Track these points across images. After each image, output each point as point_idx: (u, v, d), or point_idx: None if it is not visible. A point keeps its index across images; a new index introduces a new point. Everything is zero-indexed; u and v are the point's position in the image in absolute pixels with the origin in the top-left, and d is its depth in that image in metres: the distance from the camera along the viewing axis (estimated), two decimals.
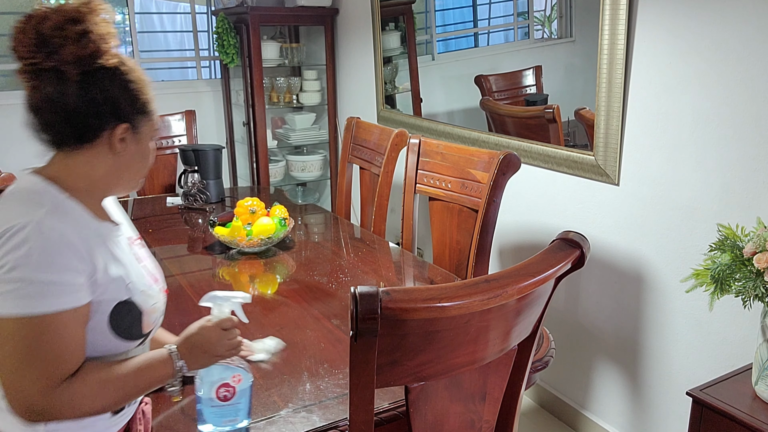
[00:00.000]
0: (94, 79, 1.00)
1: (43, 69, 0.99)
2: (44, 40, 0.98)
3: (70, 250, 0.94)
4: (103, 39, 1.00)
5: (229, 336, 1.09)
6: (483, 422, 1.13)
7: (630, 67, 1.90)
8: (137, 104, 1.05)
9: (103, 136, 1.03)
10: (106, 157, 1.05)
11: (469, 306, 0.90)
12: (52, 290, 0.92)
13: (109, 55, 1.01)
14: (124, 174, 1.09)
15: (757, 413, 1.36)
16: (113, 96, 1.02)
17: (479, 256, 1.94)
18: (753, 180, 1.64)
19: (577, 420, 2.34)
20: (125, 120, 1.04)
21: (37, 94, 1.01)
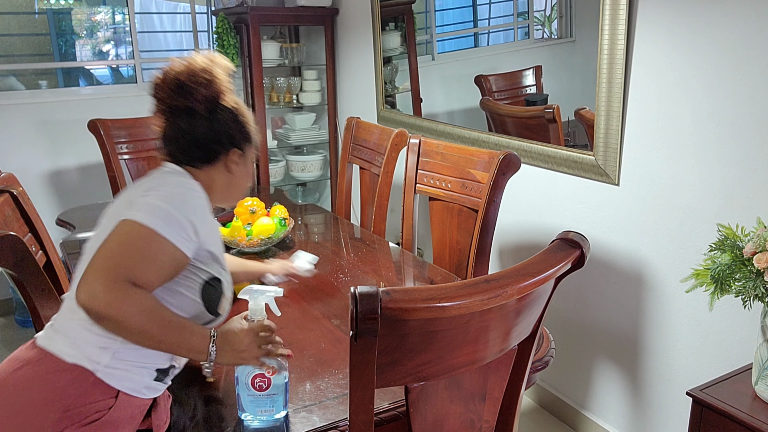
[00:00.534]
0: (217, 115, 1.30)
1: (180, 108, 1.28)
2: (181, 85, 1.26)
3: (200, 214, 1.20)
4: (224, 84, 1.31)
5: (261, 342, 1.16)
6: (483, 422, 1.13)
7: (630, 67, 1.90)
8: (245, 134, 1.35)
9: (221, 158, 1.31)
10: (222, 175, 1.33)
11: (469, 306, 0.90)
12: (174, 224, 1.14)
13: (227, 96, 1.32)
14: (233, 189, 1.37)
15: (757, 413, 1.36)
16: (230, 128, 1.31)
17: (479, 256, 1.94)
18: (753, 180, 1.64)
19: (577, 420, 2.34)
20: (238, 146, 1.33)
21: (173, 127, 1.30)
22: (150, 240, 1.11)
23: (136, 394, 1.15)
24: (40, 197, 3.40)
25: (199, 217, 1.19)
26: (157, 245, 1.12)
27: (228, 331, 1.16)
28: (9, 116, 3.30)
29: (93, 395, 1.11)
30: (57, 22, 3.81)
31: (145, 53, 3.98)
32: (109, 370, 1.13)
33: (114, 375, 1.13)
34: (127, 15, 3.66)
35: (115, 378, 1.13)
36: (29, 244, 1.73)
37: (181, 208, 1.17)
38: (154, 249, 1.11)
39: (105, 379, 1.12)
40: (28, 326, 3.31)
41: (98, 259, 1.09)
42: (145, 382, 1.16)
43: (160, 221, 1.12)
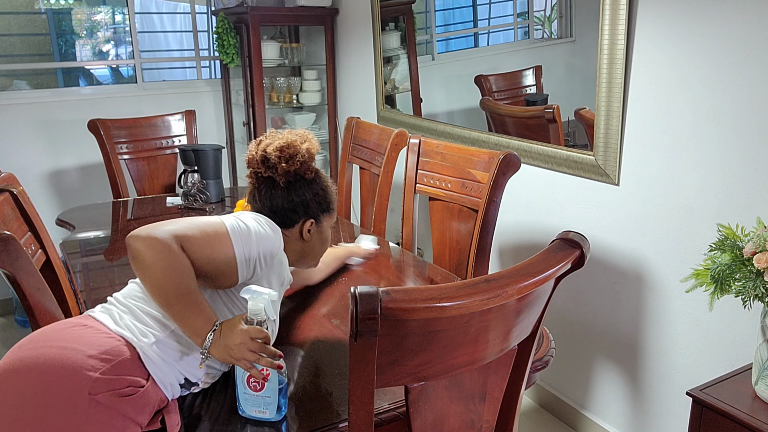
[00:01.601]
0: (295, 188, 1.43)
1: (264, 177, 1.44)
2: (267, 158, 1.42)
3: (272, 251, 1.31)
4: (307, 159, 1.43)
5: (252, 346, 1.16)
6: (483, 422, 1.13)
7: (630, 67, 1.90)
8: (323, 205, 1.47)
9: (295, 226, 1.44)
10: (297, 240, 1.46)
11: (469, 306, 0.90)
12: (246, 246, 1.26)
13: (309, 171, 1.44)
14: (308, 254, 1.50)
15: (757, 413, 1.36)
16: (306, 200, 1.44)
17: (479, 256, 1.94)
18: (753, 180, 1.64)
19: (577, 420, 2.34)
20: (312, 217, 1.46)
21: (256, 190, 1.45)
22: (221, 236, 1.24)
23: (161, 386, 1.17)
24: (40, 197, 3.40)
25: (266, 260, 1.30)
26: (221, 242, 1.23)
27: (226, 327, 1.18)
28: (9, 116, 3.30)
29: (131, 368, 1.14)
30: (57, 22, 3.81)
31: (145, 53, 3.98)
32: (149, 353, 1.17)
33: (152, 359, 1.17)
34: (127, 15, 3.66)
35: (152, 363, 1.17)
36: (29, 243, 1.73)
37: (262, 245, 1.29)
38: (219, 247, 1.23)
39: (143, 359, 1.16)
40: (27, 326, 3.31)
41: (177, 223, 1.22)
42: (171, 380, 1.19)
43: (238, 235, 1.26)
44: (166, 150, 3.13)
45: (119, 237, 2.32)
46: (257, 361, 1.15)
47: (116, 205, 2.74)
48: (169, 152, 3.13)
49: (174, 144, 3.14)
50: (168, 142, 3.14)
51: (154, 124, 3.13)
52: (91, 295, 1.75)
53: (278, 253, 1.35)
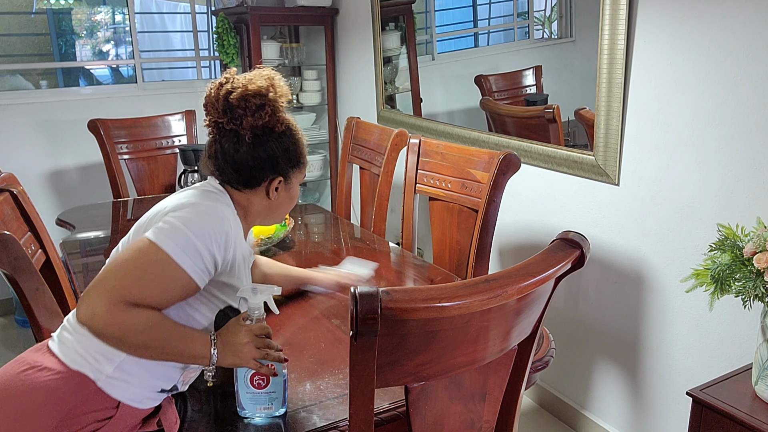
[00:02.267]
0: (262, 142, 1.25)
1: (225, 129, 1.25)
2: (231, 108, 1.22)
3: (220, 238, 1.15)
4: (276, 110, 1.24)
5: (259, 343, 1.14)
6: (483, 422, 1.13)
7: (630, 67, 1.90)
8: (293, 161, 1.30)
9: (261, 185, 1.27)
10: (262, 199, 1.30)
11: (469, 306, 0.90)
12: (191, 253, 1.11)
13: (278, 123, 1.26)
14: (274, 212, 1.34)
15: (757, 413, 1.36)
16: (275, 155, 1.26)
17: (479, 256, 1.94)
18: (753, 180, 1.64)
19: (577, 420, 2.34)
20: (281, 173, 1.28)
21: (216, 145, 1.27)
22: (163, 265, 1.09)
23: (138, 405, 1.15)
24: (40, 197, 3.40)
25: (221, 249, 1.16)
26: (169, 272, 1.10)
27: (227, 332, 1.15)
28: (9, 116, 3.30)
29: (93, 404, 1.11)
30: (57, 22, 3.81)
31: (145, 53, 3.98)
32: (111, 381, 1.13)
33: (115, 386, 1.13)
34: (127, 15, 3.66)
35: (117, 389, 1.13)
36: (29, 243, 1.73)
37: (204, 236, 1.13)
38: (164, 275, 1.10)
39: (106, 389, 1.12)
40: (27, 326, 3.31)
41: (107, 276, 1.09)
42: (146, 394, 1.16)
43: (178, 248, 1.10)
44: (166, 150, 3.13)
45: (119, 237, 2.32)
46: (266, 357, 1.14)
47: (116, 205, 2.74)
48: (169, 152, 3.13)
49: (174, 144, 3.14)
50: (168, 142, 3.14)
51: (154, 124, 3.13)
52: None
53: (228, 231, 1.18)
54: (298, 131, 1.32)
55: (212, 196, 1.23)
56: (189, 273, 1.11)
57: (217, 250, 1.15)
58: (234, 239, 1.19)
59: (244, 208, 1.29)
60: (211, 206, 1.18)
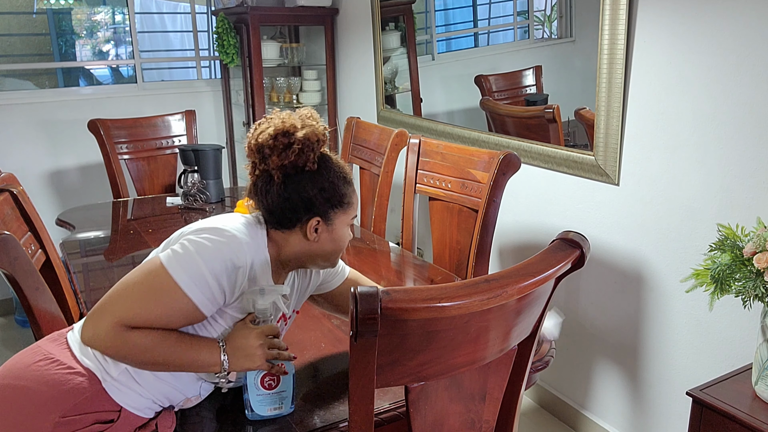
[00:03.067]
0: (294, 182, 1.20)
1: (260, 170, 1.22)
2: (260, 147, 1.19)
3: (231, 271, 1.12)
4: (307, 147, 1.18)
5: (270, 344, 1.15)
6: (483, 422, 1.13)
7: (630, 67, 1.90)
8: (331, 201, 1.22)
9: (299, 226, 1.22)
10: (300, 241, 1.23)
11: (469, 306, 0.90)
12: (197, 278, 1.09)
13: (309, 161, 1.19)
14: (314, 256, 1.26)
15: (757, 413, 1.36)
16: (309, 195, 1.20)
17: (479, 256, 1.94)
18: (753, 180, 1.64)
19: (577, 420, 2.34)
20: (318, 214, 1.21)
21: (254, 184, 1.24)
22: (170, 293, 1.09)
23: (138, 413, 1.15)
24: (40, 197, 3.40)
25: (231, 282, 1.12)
26: (174, 299, 1.09)
27: (236, 337, 1.15)
28: (9, 116, 3.30)
29: (96, 404, 1.11)
30: (57, 22, 3.81)
31: (145, 53, 3.98)
32: (116, 384, 1.13)
33: (120, 390, 1.13)
34: (127, 15, 3.66)
35: (120, 393, 1.13)
36: (29, 243, 1.73)
37: (215, 267, 1.10)
38: (170, 302, 1.09)
39: (110, 392, 1.12)
40: (27, 326, 3.31)
41: (114, 297, 1.10)
42: (147, 404, 1.16)
43: (186, 276, 1.09)
44: (166, 150, 3.13)
45: (119, 237, 2.32)
46: (277, 357, 1.15)
47: (116, 205, 2.74)
48: (169, 152, 3.13)
49: (174, 144, 3.14)
50: (168, 142, 3.14)
51: (154, 124, 3.13)
52: (91, 295, 1.75)
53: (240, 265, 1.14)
54: (338, 168, 1.25)
55: (246, 227, 1.20)
56: (195, 302, 1.10)
57: (227, 281, 1.12)
58: (250, 275, 1.16)
59: (283, 251, 1.24)
60: (232, 237, 1.14)
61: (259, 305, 1.15)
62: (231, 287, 1.13)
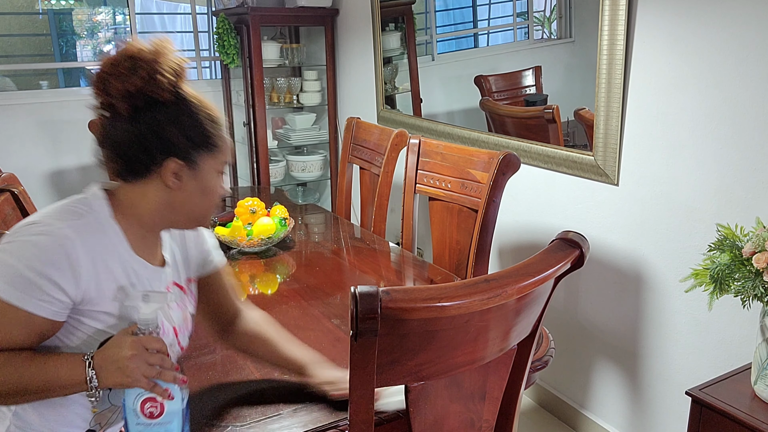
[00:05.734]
0: (145, 116, 1.01)
1: (102, 103, 1.03)
2: (102, 76, 1.01)
3: (68, 268, 0.95)
4: (156, 73, 1.00)
5: (150, 358, 0.94)
6: (483, 422, 1.13)
7: (629, 67, 1.91)
8: (193, 139, 1.04)
9: (155, 171, 1.03)
10: (160, 192, 1.05)
11: (469, 306, 0.90)
12: (18, 282, 0.92)
13: (161, 90, 1.01)
14: (181, 210, 1.07)
15: (756, 413, 1.37)
16: (165, 132, 1.01)
17: (479, 256, 1.94)
18: (752, 180, 1.64)
19: (576, 420, 2.34)
20: (177, 155, 1.03)
21: (99, 127, 1.05)
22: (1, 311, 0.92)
23: None
24: (41, 197, 3.40)
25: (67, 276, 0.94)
26: (9, 316, 0.92)
27: (108, 346, 0.96)
28: (10, 116, 3.30)
29: None
30: (58, 23, 3.81)
31: None
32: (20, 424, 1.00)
33: None
34: (128, 15, 3.66)
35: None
36: None
37: (38, 264, 0.93)
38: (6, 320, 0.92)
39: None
40: None
41: None
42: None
43: (4, 283, 0.92)
44: None
45: None
46: (159, 375, 0.94)
47: None
48: None
49: None
50: None
51: None
52: None
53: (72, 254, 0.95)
54: (201, 104, 1.07)
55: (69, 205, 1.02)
56: (28, 310, 0.92)
57: (60, 277, 0.94)
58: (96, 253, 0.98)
59: (139, 208, 1.05)
60: (49, 228, 0.96)
61: (142, 314, 0.96)
62: (69, 277, 0.95)
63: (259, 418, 1.18)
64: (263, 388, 1.28)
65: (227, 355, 1.40)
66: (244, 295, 1.81)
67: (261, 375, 1.32)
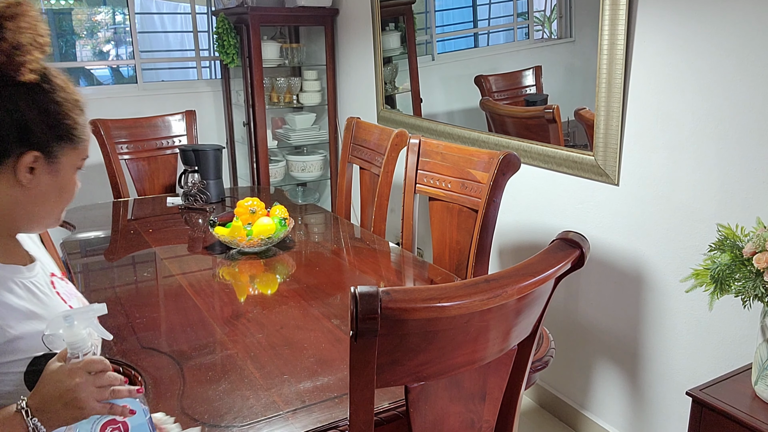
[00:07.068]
0: (1, 97, 0.87)
1: None
2: None
3: None
4: (18, 49, 0.85)
5: (98, 381, 0.84)
6: (483, 422, 1.13)
7: (630, 67, 1.91)
8: (57, 129, 0.91)
9: (7, 163, 0.88)
10: (10, 189, 0.90)
11: (469, 306, 0.90)
12: None
13: (24, 69, 0.86)
14: (36, 210, 0.93)
15: (757, 413, 1.36)
16: (23, 118, 0.87)
17: (479, 256, 1.94)
18: (753, 180, 1.64)
19: (577, 420, 2.34)
20: (36, 147, 0.89)
21: None
22: None
23: None
24: None
25: None
26: None
27: (44, 385, 0.83)
28: None
29: None
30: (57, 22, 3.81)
31: (146, 53, 3.99)
32: None
33: None
34: (128, 15, 3.66)
35: None
36: None
37: None
38: None
39: None
40: None
41: None
42: None
43: None
44: (167, 150, 3.13)
45: (119, 237, 2.32)
46: (112, 395, 0.85)
47: (116, 205, 2.74)
48: (169, 152, 3.13)
49: (174, 144, 3.14)
50: (168, 142, 3.14)
51: (155, 124, 3.13)
52: (91, 296, 1.75)
53: None
54: (68, 87, 0.93)
55: None
56: None
57: None
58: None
59: None
60: None
61: (68, 337, 0.84)
62: None
63: (259, 418, 1.18)
64: (263, 388, 1.28)
65: (227, 356, 1.40)
66: (244, 295, 1.81)
67: (261, 375, 1.32)
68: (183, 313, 1.61)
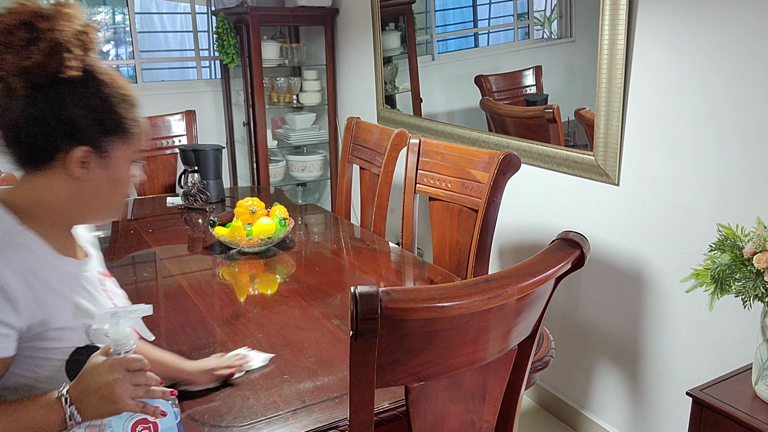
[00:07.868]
0: (46, 96, 0.88)
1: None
2: None
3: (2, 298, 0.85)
4: (61, 47, 0.87)
5: (135, 379, 0.87)
6: (483, 422, 1.13)
7: (630, 67, 1.91)
8: (104, 124, 0.93)
9: (58, 158, 0.91)
10: (66, 183, 0.93)
11: (469, 306, 0.90)
12: None
13: (64, 66, 0.88)
14: (92, 203, 0.97)
15: (757, 413, 1.36)
16: (69, 114, 0.89)
17: (479, 256, 1.94)
18: (753, 180, 1.64)
19: (577, 420, 2.34)
20: (85, 142, 0.91)
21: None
22: None
23: None
24: None
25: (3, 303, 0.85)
26: None
27: (84, 377, 0.86)
28: None
29: None
30: None
31: (145, 53, 3.98)
32: None
33: None
34: (127, 15, 3.66)
35: None
36: None
37: None
38: None
39: None
40: None
41: None
42: None
43: None
44: (166, 150, 3.13)
45: (119, 237, 2.32)
46: (147, 395, 0.87)
47: None
48: (169, 152, 3.13)
49: (174, 144, 3.14)
50: (168, 142, 3.14)
51: (154, 124, 3.13)
52: None
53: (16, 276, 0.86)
54: (114, 82, 0.95)
55: None
56: None
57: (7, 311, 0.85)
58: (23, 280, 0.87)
59: (48, 206, 0.94)
60: None
61: (113, 333, 0.88)
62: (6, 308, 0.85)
63: (259, 418, 1.18)
64: (263, 388, 1.28)
65: None
66: (244, 295, 1.81)
67: (261, 375, 1.32)
68: (183, 313, 1.61)
